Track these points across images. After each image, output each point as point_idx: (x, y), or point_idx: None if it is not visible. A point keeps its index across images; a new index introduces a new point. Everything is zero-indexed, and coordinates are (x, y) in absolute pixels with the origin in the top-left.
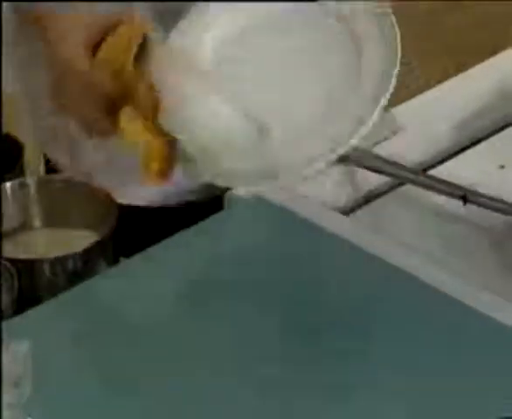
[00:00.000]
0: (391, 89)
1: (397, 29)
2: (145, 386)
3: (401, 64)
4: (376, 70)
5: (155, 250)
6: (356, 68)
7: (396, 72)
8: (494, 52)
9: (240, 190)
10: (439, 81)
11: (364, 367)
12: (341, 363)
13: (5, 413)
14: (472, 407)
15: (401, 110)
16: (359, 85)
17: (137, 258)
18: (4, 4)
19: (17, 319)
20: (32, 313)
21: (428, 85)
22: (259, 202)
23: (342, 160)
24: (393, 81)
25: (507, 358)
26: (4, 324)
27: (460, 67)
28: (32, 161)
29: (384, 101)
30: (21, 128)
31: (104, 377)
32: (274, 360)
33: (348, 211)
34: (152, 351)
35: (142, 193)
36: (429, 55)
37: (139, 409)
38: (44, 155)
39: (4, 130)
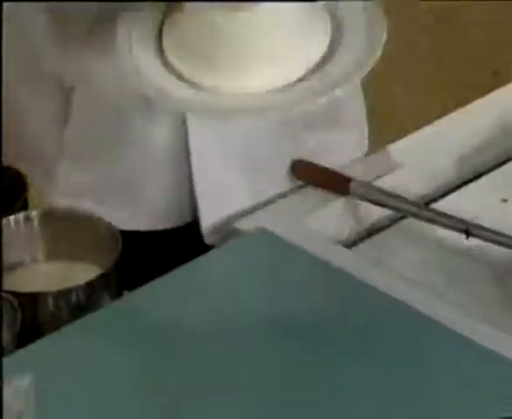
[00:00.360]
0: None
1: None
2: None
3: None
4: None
5: (159, 283)
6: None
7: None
8: (493, 87)
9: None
10: (439, 117)
11: (365, 400)
12: (341, 396)
13: None
14: None
15: (403, 144)
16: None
17: (140, 291)
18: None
19: (19, 353)
20: (35, 347)
21: (428, 121)
22: (262, 235)
23: (345, 193)
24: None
25: (507, 391)
26: (7, 358)
27: (460, 103)
28: (36, 194)
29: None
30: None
31: (107, 412)
32: (275, 391)
33: (350, 244)
34: (155, 385)
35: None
36: (428, 91)
37: None
38: None
39: (8, 163)
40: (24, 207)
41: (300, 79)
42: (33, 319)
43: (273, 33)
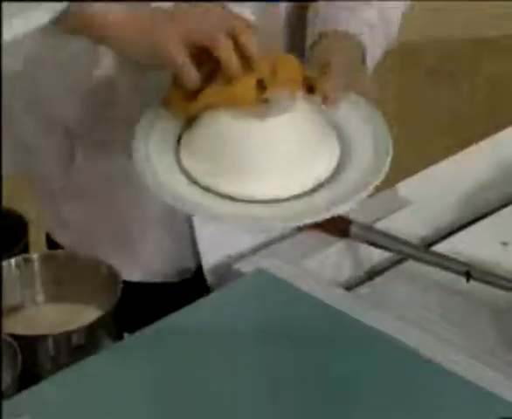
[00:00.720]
0: (379, 181)
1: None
2: None
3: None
4: (366, 162)
5: (159, 325)
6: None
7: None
8: (495, 130)
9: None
10: (443, 157)
11: None
12: None
13: None
14: None
15: (404, 186)
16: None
17: (141, 334)
18: None
19: (19, 396)
20: (35, 390)
21: (430, 163)
22: (261, 276)
23: (345, 235)
24: (382, 174)
25: None
26: (7, 401)
27: (462, 146)
28: (36, 236)
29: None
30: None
31: None
32: None
33: (350, 286)
34: None
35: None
36: (430, 134)
37: None
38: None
39: (9, 206)
40: (25, 250)
41: (309, 191)
42: (33, 361)
43: (283, 145)
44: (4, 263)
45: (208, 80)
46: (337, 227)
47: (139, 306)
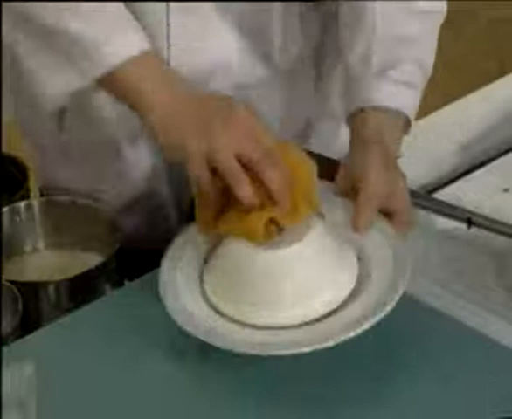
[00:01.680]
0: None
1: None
2: (147, 402)
3: None
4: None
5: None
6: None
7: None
8: (498, 76)
9: None
10: (444, 104)
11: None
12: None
13: None
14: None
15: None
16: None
17: (141, 281)
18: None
19: (20, 342)
20: (36, 336)
21: (432, 108)
22: None
23: None
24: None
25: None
26: (8, 346)
27: (462, 93)
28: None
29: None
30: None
31: (107, 399)
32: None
33: None
34: (153, 376)
35: None
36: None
37: None
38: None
39: (9, 152)
40: (26, 196)
41: (327, 315)
42: (34, 307)
43: (301, 272)
44: (5, 209)
45: (231, 203)
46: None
47: (139, 253)
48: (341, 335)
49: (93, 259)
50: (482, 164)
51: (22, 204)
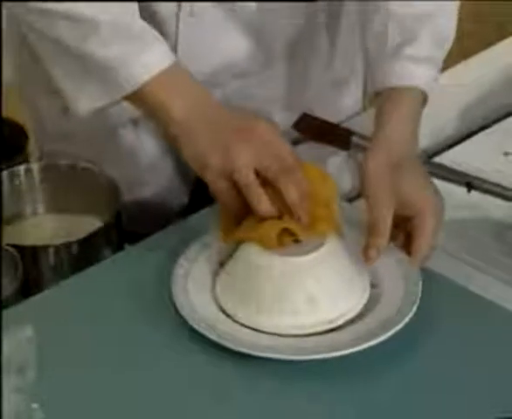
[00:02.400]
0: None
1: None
2: (145, 365)
3: None
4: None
5: (160, 236)
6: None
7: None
8: (498, 40)
9: None
10: (443, 69)
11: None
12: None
13: (10, 398)
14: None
15: None
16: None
17: (142, 245)
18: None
19: (21, 306)
20: (36, 300)
21: None
22: None
23: (346, 146)
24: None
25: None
26: (8, 310)
27: (465, 53)
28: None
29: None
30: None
31: (106, 363)
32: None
33: (352, 198)
34: (153, 340)
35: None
36: None
37: (139, 389)
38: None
39: (9, 116)
40: (25, 160)
41: (334, 329)
42: (34, 271)
43: (314, 282)
44: (4, 173)
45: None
46: (338, 138)
47: (140, 217)
48: (347, 348)
49: (93, 223)
50: (482, 128)
51: (21, 168)
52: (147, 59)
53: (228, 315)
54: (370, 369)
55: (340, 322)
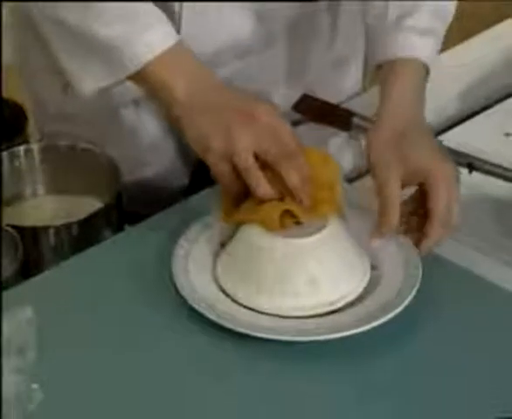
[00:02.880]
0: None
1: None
2: (145, 345)
3: None
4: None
5: (160, 217)
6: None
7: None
8: (499, 20)
9: None
10: (444, 48)
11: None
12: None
13: (10, 379)
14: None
15: None
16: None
17: (142, 226)
18: None
19: (21, 287)
20: (36, 280)
21: None
22: None
23: (346, 127)
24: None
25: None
26: (8, 291)
27: (465, 33)
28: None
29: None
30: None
31: (106, 344)
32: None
33: (353, 178)
34: (153, 318)
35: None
36: None
37: (140, 369)
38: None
39: (9, 96)
40: (25, 140)
41: (335, 311)
42: (34, 252)
43: (315, 263)
44: (4, 153)
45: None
46: (339, 119)
47: (141, 198)
48: (347, 330)
49: (93, 204)
50: (484, 109)
51: (21, 149)
52: (150, 39)
53: (228, 295)
54: (370, 351)
55: (341, 304)
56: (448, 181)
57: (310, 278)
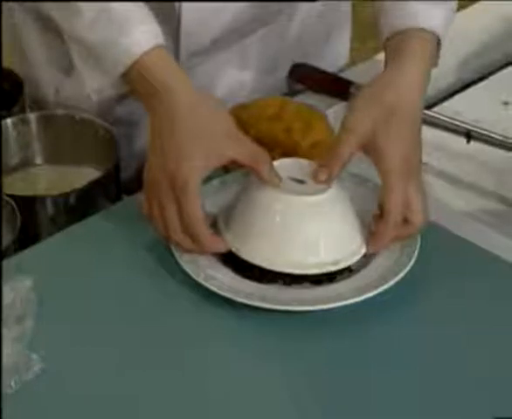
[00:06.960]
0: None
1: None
2: (144, 314)
3: None
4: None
5: None
6: None
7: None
8: None
9: None
10: None
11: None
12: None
13: (9, 348)
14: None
15: None
16: None
17: (140, 195)
18: None
19: (18, 256)
20: (34, 250)
21: None
22: None
23: (344, 96)
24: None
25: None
26: (6, 260)
27: (462, 3)
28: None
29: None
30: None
31: (103, 312)
32: None
33: None
34: (152, 286)
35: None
36: None
37: (139, 339)
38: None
39: (6, 66)
40: (22, 110)
41: (335, 276)
42: (32, 222)
43: (317, 221)
44: (2, 123)
45: None
46: (337, 88)
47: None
48: (346, 299)
49: (91, 174)
50: (482, 78)
51: (18, 118)
52: (139, 36)
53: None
54: (368, 320)
55: (341, 266)
56: (404, 177)
57: (311, 236)
